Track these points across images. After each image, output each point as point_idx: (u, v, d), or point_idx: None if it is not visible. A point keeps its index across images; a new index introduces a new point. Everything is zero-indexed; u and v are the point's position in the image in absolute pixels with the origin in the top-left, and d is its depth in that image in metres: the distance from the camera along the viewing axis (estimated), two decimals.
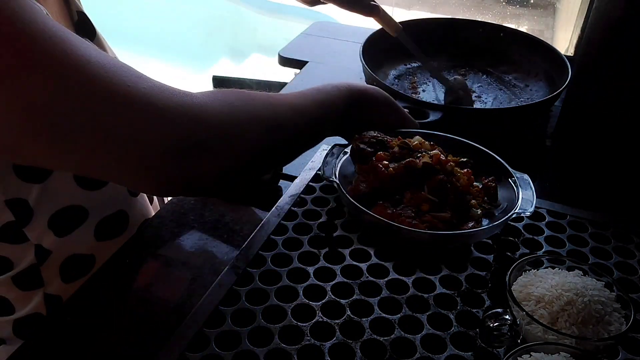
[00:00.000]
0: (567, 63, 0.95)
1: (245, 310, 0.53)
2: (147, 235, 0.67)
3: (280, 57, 1.17)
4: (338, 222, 0.66)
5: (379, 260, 0.60)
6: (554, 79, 0.99)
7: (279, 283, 0.57)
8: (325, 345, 0.50)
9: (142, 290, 0.59)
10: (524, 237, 0.65)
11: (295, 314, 0.53)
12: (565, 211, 0.70)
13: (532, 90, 1.03)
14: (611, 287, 0.50)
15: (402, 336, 0.51)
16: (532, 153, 0.89)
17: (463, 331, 0.52)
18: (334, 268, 0.59)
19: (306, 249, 0.61)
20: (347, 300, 0.55)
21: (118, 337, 0.53)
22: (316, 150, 0.81)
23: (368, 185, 0.63)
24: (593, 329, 0.47)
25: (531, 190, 0.64)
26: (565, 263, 0.53)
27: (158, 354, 0.49)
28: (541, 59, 1.05)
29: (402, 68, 1.09)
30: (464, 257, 0.62)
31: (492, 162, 0.69)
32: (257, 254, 0.60)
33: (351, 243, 0.63)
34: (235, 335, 0.51)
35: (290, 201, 0.69)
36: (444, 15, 1.46)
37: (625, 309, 0.49)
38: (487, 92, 1.03)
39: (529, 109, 0.90)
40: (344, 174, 0.68)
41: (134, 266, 0.62)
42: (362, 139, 0.67)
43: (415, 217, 0.59)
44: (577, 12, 1.43)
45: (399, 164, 0.63)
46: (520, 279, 0.52)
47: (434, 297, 0.56)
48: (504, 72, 1.09)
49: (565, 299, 0.48)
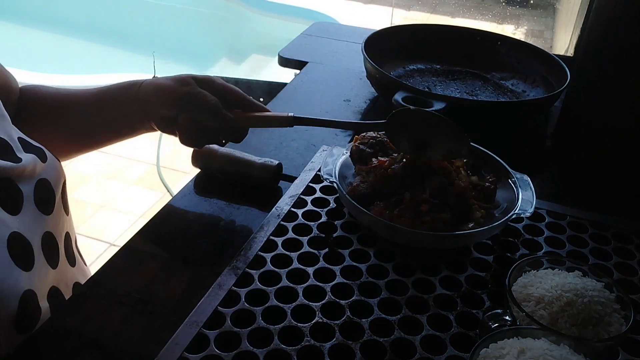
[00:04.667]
0: (566, 69, 0.95)
1: (245, 311, 0.53)
2: (147, 235, 0.67)
3: (280, 57, 1.17)
4: (338, 222, 0.66)
5: (379, 261, 0.60)
6: (553, 85, 1.00)
7: (278, 284, 0.57)
8: (325, 346, 0.50)
9: (142, 290, 0.59)
10: (524, 238, 0.65)
11: (295, 314, 0.53)
12: (565, 212, 0.70)
13: (529, 96, 1.03)
14: (611, 288, 0.50)
15: (402, 337, 0.51)
16: (532, 153, 0.90)
17: (463, 332, 0.52)
18: (334, 269, 0.59)
19: (306, 250, 0.61)
20: (347, 301, 0.55)
21: (118, 338, 0.53)
22: (316, 151, 0.81)
23: (368, 186, 0.63)
24: (593, 330, 0.47)
25: (531, 190, 0.65)
26: (565, 264, 0.53)
27: (158, 355, 0.49)
28: (539, 66, 1.05)
29: (400, 71, 1.09)
30: (464, 258, 0.62)
31: (492, 163, 0.69)
32: (257, 254, 0.60)
33: (351, 244, 0.63)
34: (235, 336, 0.51)
35: (290, 202, 0.69)
36: (442, 20, 1.46)
37: (625, 310, 0.49)
38: (485, 98, 1.03)
39: (531, 105, 0.91)
40: (344, 174, 0.68)
41: (134, 266, 0.62)
42: (362, 140, 0.67)
43: (415, 218, 0.59)
44: (577, 13, 1.44)
45: (399, 165, 0.63)
46: (520, 280, 0.52)
47: (433, 297, 0.56)
48: (502, 78, 1.09)
49: (565, 299, 0.48)
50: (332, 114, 0.98)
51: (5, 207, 0.57)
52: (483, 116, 0.87)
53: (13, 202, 0.58)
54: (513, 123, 0.94)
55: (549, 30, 2.82)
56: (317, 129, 0.92)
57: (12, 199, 0.58)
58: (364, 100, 1.03)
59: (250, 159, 0.76)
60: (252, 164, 0.75)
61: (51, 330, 0.54)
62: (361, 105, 1.02)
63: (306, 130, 0.92)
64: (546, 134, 0.95)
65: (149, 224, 0.69)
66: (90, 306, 0.57)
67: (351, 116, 0.98)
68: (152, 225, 0.69)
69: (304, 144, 0.88)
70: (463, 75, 1.11)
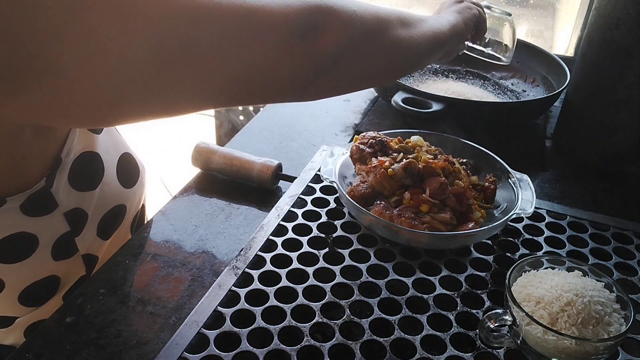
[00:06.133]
0: (566, 69, 0.96)
1: (244, 311, 0.53)
2: (147, 235, 0.67)
3: None
4: (338, 222, 0.66)
5: (379, 261, 0.60)
6: (552, 84, 1.00)
7: (278, 284, 0.57)
8: (325, 346, 0.50)
9: (142, 290, 0.59)
10: (524, 238, 0.65)
11: (295, 314, 0.53)
12: (565, 212, 0.70)
13: (529, 96, 1.03)
14: (611, 287, 0.50)
15: (402, 337, 0.51)
16: (532, 153, 0.89)
17: (463, 332, 0.52)
18: (334, 269, 0.59)
19: (306, 250, 0.61)
20: (347, 301, 0.55)
21: (118, 338, 0.53)
22: (316, 151, 0.81)
23: (368, 186, 0.63)
24: (593, 329, 0.47)
25: (531, 190, 0.65)
26: (565, 264, 0.53)
27: (158, 355, 0.49)
28: (539, 66, 1.06)
29: None
30: (464, 258, 0.62)
31: (492, 163, 0.69)
32: (257, 254, 0.60)
33: (351, 244, 0.63)
34: (235, 336, 0.51)
35: (290, 202, 0.69)
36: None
37: (625, 309, 0.49)
38: (486, 97, 1.03)
39: (531, 105, 0.91)
40: (344, 174, 0.68)
41: (134, 267, 0.62)
42: (362, 140, 0.67)
43: (415, 218, 0.59)
44: (577, 12, 1.44)
45: (399, 165, 0.63)
46: (520, 280, 0.52)
47: (433, 297, 0.56)
48: (502, 78, 1.10)
49: (565, 299, 0.48)
50: (332, 114, 0.98)
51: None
52: (483, 116, 0.87)
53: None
54: (513, 123, 0.94)
55: (548, 30, 2.81)
56: (317, 129, 0.92)
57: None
58: (363, 100, 1.04)
59: (250, 159, 0.76)
60: (252, 164, 0.75)
61: (51, 330, 0.54)
62: (361, 105, 1.02)
63: (306, 130, 0.92)
64: (546, 134, 0.95)
65: (148, 223, 0.69)
66: (91, 306, 0.57)
67: (351, 116, 0.98)
68: (152, 225, 0.69)
69: (304, 144, 0.88)
70: (463, 75, 1.11)
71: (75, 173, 0.60)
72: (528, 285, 0.51)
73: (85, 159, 0.61)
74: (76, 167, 0.60)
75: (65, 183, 0.59)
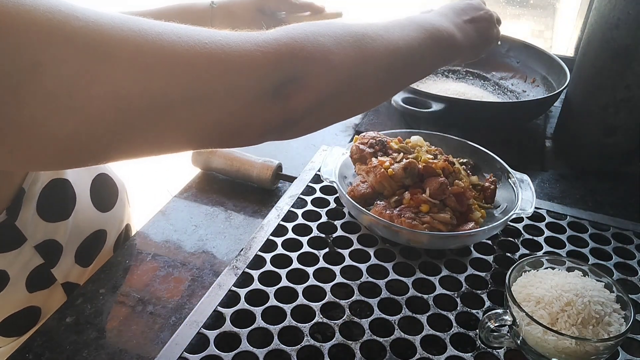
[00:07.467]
0: (566, 69, 0.96)
1: (245, 311, 0.53)
2: (147, 235, 0.67)
3: None
4: (338, 222, 0.66)
5: (379, 261, 0.60)
6: (552, 84, 1.00)
7: (278, 284, 0.57)
8: (325, 346, 0.50)
9: (142, 290, 0.59)
10: (524, 238, 0.65)
11: (295, 314, 0.53)
12: (565, 212, 0.70)
13: (529, 96, 1.03)
14: (611, 287, 0.50)
15: (402, 337, 0.51)
16: (532, 153, 0.89)
17: (463, 332, 0.52)
18: (334, 269, 0.59)
19: (306, 250, 0.61)
20: (347, 301, 0.55)
21: (118, 338, 0.53)
22: (315, 151, 0.81)
23: (368, 186, 0.63)
24: (593, 329, 0.47)
25: (531, 190, 0.65)
26: (565, 264, 0.53)
27: (158, 354, 0.49)
28: (539, 66, 1.06)
29: None
30: (464, 258, 0.62)
31: (492, 163, 0.69)
32: (257, 254, 0.60)
33: (351, 244, 0.63)
34: (235, 337, 0.51)
35: (290, 202, 0.69)
36: None
37: (625, 309, 0.49)
38: (486, 97, 1.03)
39: (531, 105, 0.91)
40: (344, 174, 0.68)
41: (134, 267, 0.62)
42: (362, 140, 0.67)
43: (415, 218, 0.59)
44: (577, 12, 1.43)
45: (399, 165, 0.63)
46: (520, 280, 0.52)
47: (433, 298, 0.56)
48: (502, 78, 1.10)
49: (565, 299, 0.48)
50: None
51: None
52: (483, 116, 0.87)
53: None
54: (513, 123, 0.94)
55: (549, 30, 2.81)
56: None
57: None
58: None
59: (250, 159, 0.76)
60: (252, 164, 0.75)
61: (51, 330, 0.54)
62: None
63: None
64: (546, 135, 0.95)
65: (149, 223, 0.69)
66: (91, 306, 0.57)
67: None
68: (152, 225, 0.69)
69: (304, 144, 0.88)
70: (463, 75, 1.11)
71: (43, 204, 0.57)
72: (528, 285, 0.51)
73: (54, 187, 0.58)
74: (44, 197, 0.57)
75: (33, 215, 0.56)
